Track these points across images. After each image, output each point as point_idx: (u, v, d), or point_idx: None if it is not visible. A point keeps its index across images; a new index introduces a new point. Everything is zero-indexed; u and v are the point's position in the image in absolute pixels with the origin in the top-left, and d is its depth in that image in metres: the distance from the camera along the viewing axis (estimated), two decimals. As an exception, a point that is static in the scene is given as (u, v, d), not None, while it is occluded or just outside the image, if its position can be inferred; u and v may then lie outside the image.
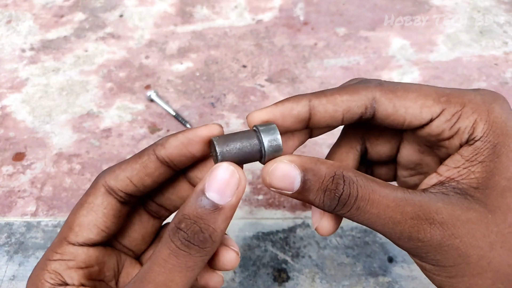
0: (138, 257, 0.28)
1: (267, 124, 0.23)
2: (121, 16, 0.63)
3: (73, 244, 0.24)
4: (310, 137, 0.28)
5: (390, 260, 0.37)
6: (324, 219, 0.25)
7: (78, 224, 0.24)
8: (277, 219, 0.40)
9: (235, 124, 0.48)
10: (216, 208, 0.20)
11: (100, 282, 0.25)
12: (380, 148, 0.27)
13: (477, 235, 0.20)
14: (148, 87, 0.53)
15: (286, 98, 0.24)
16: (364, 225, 0.22)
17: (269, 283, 0.36)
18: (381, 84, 0.23)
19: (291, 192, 0.22)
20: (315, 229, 0.26)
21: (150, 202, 0.27)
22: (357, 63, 0.55)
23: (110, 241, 0.26)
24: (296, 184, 0.22)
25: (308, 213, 0.40)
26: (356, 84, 0.24)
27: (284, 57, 0.56)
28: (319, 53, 0.57)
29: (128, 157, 0.45)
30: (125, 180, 0.24)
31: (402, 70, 0.54)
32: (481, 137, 0.21)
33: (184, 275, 0.20)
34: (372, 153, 0.27)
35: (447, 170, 0.22)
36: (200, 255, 0.20)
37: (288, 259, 0.38)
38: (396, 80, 0.53)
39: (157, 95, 0.51)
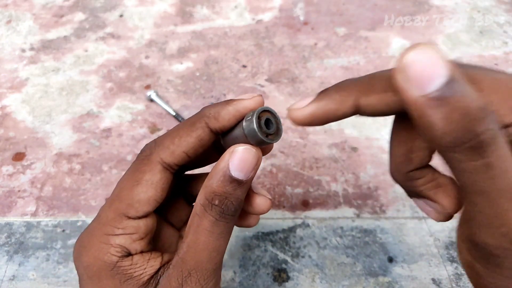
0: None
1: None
2: (121, 16, 0.63)
3: (134, 219, 0.25)
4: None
5: (390, 260, 0.37)
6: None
7: (139, 201, 0.25)
8: (277, 219, 0.40)
9: (235, 124, 0.48)
10: (240, 183, 0.23)
11: (157, 244, 0.28)
12: None
13: None
14: (148, 87, 0.53)
15: (327, 93, 0.21)
16: (471, 188, 0.17)
17: (269, 283, 0.36)
18: (461, 67, 0.18)
19: (415, 96, 0.16)
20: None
21: (187, 194, 0.30)
22: (357, 63, 0.55)
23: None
24: (438, 83, 0.15)
25: (308, 213, 0.40)
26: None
27: (284, 57, 0.56)
28: (319, 53, 0.57)
29: (129, 157, 0.45)
30: (182, 154, 0.25)
31: (402, 70, 0.54)
32: None
33: (226, 238, 0.24)
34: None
35: None
36: (233, 221, 0.24)
37: (288, 259, 0.37)
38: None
39: (157, 95, 0.51)
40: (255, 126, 0.23)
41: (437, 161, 0.21)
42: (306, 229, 0.39)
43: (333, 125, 0.48)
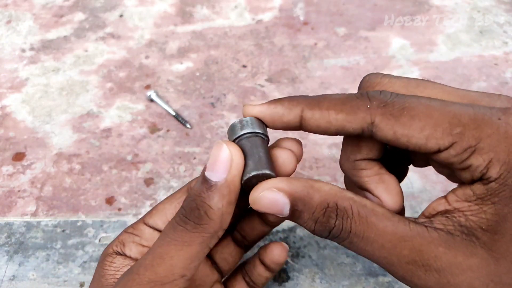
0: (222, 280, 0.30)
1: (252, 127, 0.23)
2: (121, 16, 0.63)
3: (145, 224, 0.27)
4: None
5: (390, 260, 0.37)
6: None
7: (156, 209, 0.27)
8: (277, 219, 0.40)
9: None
10: (211, 185, 0.21)
11: None
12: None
13: (475, 283, 0.19)
14: (148, 87, 0.53)
15: (280, 100, 0.23)
16: (358, 254, 0.21)
17: (269, 283, 0.36)
18: (385, 105, 0.20)
19: (281, 216, 0.22)
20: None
21: (234, 231, 0.29)
22: (357, 63, 0.55)
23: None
24: (285, 211, 0.21)
25: (308, 213, 0.40)
26: (357, 101, 0.21)
27: (284, 57, 0.56)
28: (319, 53, 0.57)
29: (129, 157, 0.45)
30: None
31: (402, 70, 0.54)
32: (496, 178, 0.18)
33: (180, 248, 0.21)
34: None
35: (456, 201, 0.20)
36: (196, 231, 0.21)
37: (288, 259, 0.37)
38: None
39: (157, 95, 0.51)
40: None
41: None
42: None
43: (333, 125, 0.48)
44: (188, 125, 0.48)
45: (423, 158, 0.25)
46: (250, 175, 0.21)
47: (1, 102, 0.52)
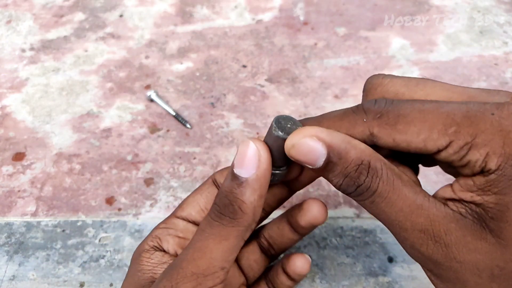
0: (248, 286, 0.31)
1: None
2: (121, 16, 0.63)
3: (177, 217, 0.28)
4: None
5: (390, 260, 0.37)
6: None
7: (186, 203, 0.28)
8: (277, 219, 0.40)
9: (235, 124, 0.48)
10: (242, 181, 0.22)
11: None
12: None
13: (481, 265, 0.20)
14: (148, 87, 0.53)
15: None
16: (373, 215, 0.22)
17: (269, 283, 0.36)
18: (381, 116, 0.21)
19: (311, 167, 0.22)
20: None
21: (262, 239, 0.30)
22: (357, 63, 0.55)
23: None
24: (319, 162, 0.21)
25: (308, 213, 0.40)
26: (354, 115, 0.22)
27: (284, 57, 0.56)
28: (319, 53, 0.57)
29: (129, 157, 0.45)
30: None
31: (402, 70, 0.54)
32: (495, 170, 0.19)
33: (218, 242, 0.23)
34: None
35: (460, 191, 0.21)
36: (232, 225, 0.23)
37: (288, 259, 0.37)
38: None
39: (157, 95, 0.51)
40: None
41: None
42: (306, 229, 0.39)
43: (333, 125, 0.48)
44: (188, 125, 0.48)
45: (429, 158, 0.26)
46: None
47: (1, 102, 0.52)
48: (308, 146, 0.21)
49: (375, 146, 0.24)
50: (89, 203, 0.42)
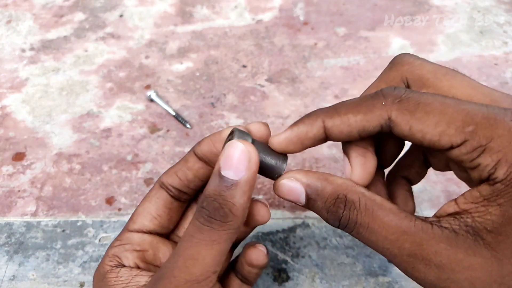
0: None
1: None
2: (121, 16, 0.63)
3: (131, 231, 0.28)
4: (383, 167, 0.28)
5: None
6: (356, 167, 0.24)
7: (136, 214, 0.28)
8: (277, 219, 0.40)
9: (235, 124, 0.48)
10: (231, 184, 0.22)
11: (156, 267, 0.28)
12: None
13: (477, 283, 0.19)
14: (148, 87, 0.53)
15: (300, 120, 0.24)
16: (365, 244, 0.22)
17: (269, 283, 0.36)
18: (400, 101, 0.21)
19: (300, 204, 0.23)
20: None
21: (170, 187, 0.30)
22: (357, 63, 0.55)
23: (168, 235, 0.30)
24: (302, 199, 0.23)
25: (308, 213, 0.40)
26: (372, 100, 0.22)
27: (284, 57, 0.56)
28: (319, 53, 0.57)
29: (129, 157, 0.45)
30: (172, 175, 0.28)
31: (402, 70, 0.54)
32: (502, 179, 0.18)
33: (210, 247, 0.22)
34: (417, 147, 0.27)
35: (464, 203, 0.20)
36: (223, 228, 0.22)
37: (288, 259, 0.38)
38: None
39: (157, 95, 0.51)
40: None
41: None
42: (306, 229, 0.39)
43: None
44: (188, 125, 0.48)
45: (442, 161, 0.26)
46: (283, 170, 0.25)
47: (1, 102, 0.52)
48: (287, 186, 0.23)
49: (388, 142, 0.24)
50: (89, 203, 0.42)
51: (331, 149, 0.45)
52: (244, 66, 0.55)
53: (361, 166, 0.24)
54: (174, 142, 0.47)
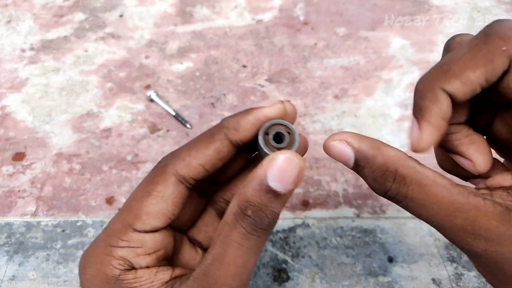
0: (184, 232, 0.29)
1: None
2: (121, 16, 0.63)
3: (139, 232, 0.24)
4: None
5: (390, 260, 0.37)
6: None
7: (147, 213, 0.24)
8: (277, 219, 0.40)
9: (235, 124, 0.48)
10: (277, 195, 0.21)
11: (164, 261, 0.26)
12: (475, 116, 0.25)
13: None
14: (148, 87, 0.53)
15: (420, 107, 0.22)
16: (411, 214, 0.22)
17: (269, 283, 0.36)
18: None
19: (349, 167, 0.23)
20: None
21: (220, 203, 0.28)
22: (357, 63, 0.55)
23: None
24: (350, 163, 0.22)
25: (308, 213, 0.40)
26: (488, 46, 0.20)
27: (284, 57, 0.56)
28: (319, 53, 0.57)
29: (129, 157, 0.45)
30: (198, 167, 0.24)
31: (402, 70, 0.54)
32: None
33: (256, 255, 0.22)
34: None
35: None
36: (265, 236, 0.22)
37: (288, 259, 0.37)
38: (396, 81, 0.53)
39: (157, 95, 0.51)
40: (259, 141, 0.23)
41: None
42: (306, 229, 0.39)
43: (333, 125, 0.48)
44: (188, 125, 0.48)
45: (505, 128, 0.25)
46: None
47: (1, 102, 0.52)
48: (337, 148, 0.22)
49: (458, 107, 0.22)
50: (89, 203, 0.42)
51: (331, 149, 0.45)
52: (244, 66, 0.55)
53: (477, 152, 0.23)
54: (174, 142, 0.47)
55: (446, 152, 0.25)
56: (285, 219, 0.40)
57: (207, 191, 0.28)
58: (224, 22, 0.62)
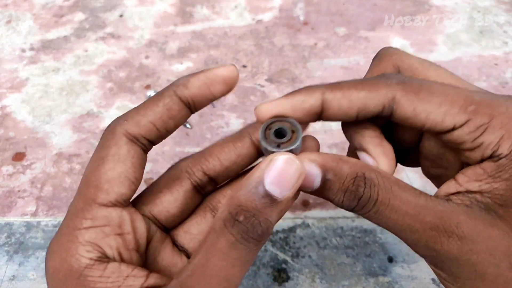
0: (168, 231, 0.26)
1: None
2: (121, 16, 0.63)
3: (105, 205, 0.21)
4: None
5: (390, 260, 0.37)
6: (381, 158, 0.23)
7: (107, 180, 0.21)
8: (277, 219, 0.40)
9: (235, 124, 0.48)
10: (274, 201, 0.19)
11: (136, 254, 0.22)
12: (402, 135, 0.26)
13: (497, 253, 0.19)
14: (148, 87, 0.53)
15: (298, 90, 0.23)
16: (381, 226, 0.21)
17: (269, 283, 0.36)
18: (404, 82, 0.21)
19: (310, 190, 0.21)
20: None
21: (198, 172, 0.25)
22: (357, 63, 0.55)
23: (138, 207, 0.24)
24: (316, 183, 0.21)
25: (308, 213, 0.40)
26: (376, 79, 0.22)
27: (284, 57, 0.56)
28: (319, 53, 0.57)
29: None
30: (148, 125, 0.23)
31: (402, 70, 0.54)
32: (507, 155, 0.19)
33: (244, 268, 0.20)
34: (394, 137, 0.26)
35: (467, 182, 0.21)
36: (257, 248, 0.20)
37: (288, 259, 0.38)
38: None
39: (157, 95, 0.51)
40: (259, 135, 0.22)
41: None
42: (306, 229, 0.39)
43: (333, 125, 0.48)
44: (188, 125, 0.48)
45: (415, 156, 0.26)
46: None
47: (1, 102, 0.52)
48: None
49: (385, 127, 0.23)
50: (89, 203, 0.42)
51: (331, 149, 0.45)
52: (244, 66, 0.55)
53: (383, 155, 0.23)
54: (174, 142, 0.47)
55: (352, 147, 0.25)
56: (285, 219, 0.40)
57: (204, 187, 0.26)
58: (224, 22, 0.62)
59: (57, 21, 0.63)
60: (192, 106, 0.23)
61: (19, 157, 0.46)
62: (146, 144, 0.23)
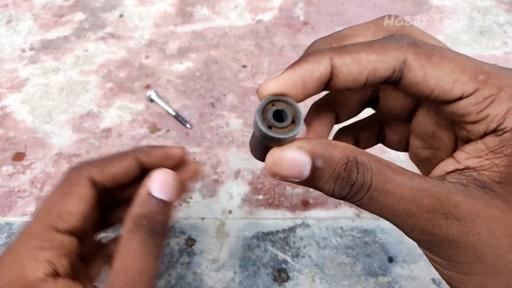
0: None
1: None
2: (121, 16, 0.63)
3: (61, 232, 0.25)
4: (336, 122, 0.26)
5: (390, 260, 0.37)
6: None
7: (67, 213, 0.26)
8: (277, 219, 0.40)
9: (235, 124, 0.48)
10: (165, 203, 0.25)
11: (81, 271, 0.27)
12: (394, 102, 0.24)
13: (497, 234, 0.18)
14: (148, 87, 0.53)
15: (303, 57, 0.20)
16: (373, 213, 0.20)
17: (269, 283, 0.36)
18: (415, 45, 0.19)
19: (298, 180, 0.20)
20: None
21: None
22: (357, 63, 0.55)
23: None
24: (305, 172, 0.19)
25: (308, 213, 0.40)
26: (386, 41, 0.20)
27: (284, 57, 0.56)
28: (319, 53, 0.56)
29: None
30: (110, 176, 0.27)
31: (402, 70, 0.54)
32: (511, 129, 0.18)
33: (156, 260, 0.24)
34: (383, 105, 0.25)
35: (467, 158, 0.20)
36: (161, 241, 0.25)
37: (288, 259, 0.38)
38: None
39: (157, 95, 0.51)
40: (257, 118, 0.19)
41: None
42: (306, 229, 0.39)
43: (333, 125, 0.48)
44: (188, 125, 0.48)
45: (399, 136, 0.26)
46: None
47: (1, 102, 0.52)
48: (290, 159, 0.19)
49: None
50: (89, 203, 0.42)
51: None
52: (244, 66, 0.55)
53: (323, 127, 0.25)
54: (174, 142, 0.47)
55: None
56: (285, 219, 0.40)
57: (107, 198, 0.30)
58: (224, 22, 0.62)
59: (57, 21, 0.63)
60: (148, 169, 0.28)
61: (19, 157, 0.46)
62: (102, 190, 0.28)
